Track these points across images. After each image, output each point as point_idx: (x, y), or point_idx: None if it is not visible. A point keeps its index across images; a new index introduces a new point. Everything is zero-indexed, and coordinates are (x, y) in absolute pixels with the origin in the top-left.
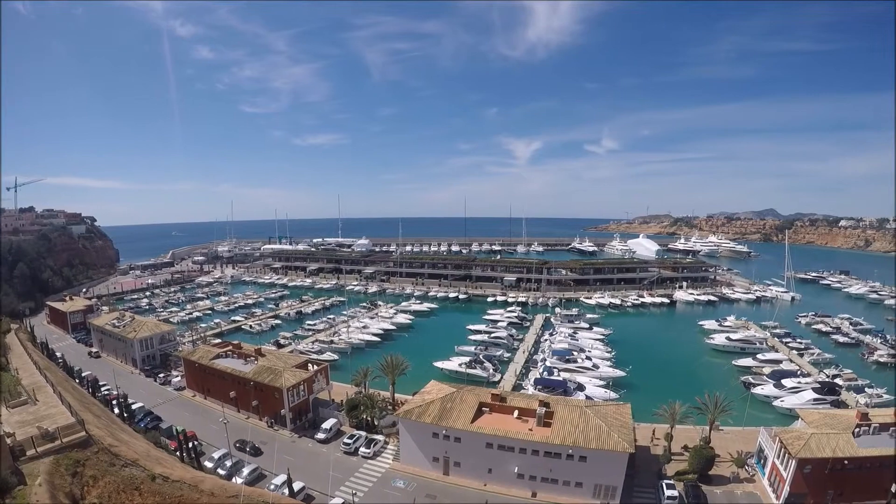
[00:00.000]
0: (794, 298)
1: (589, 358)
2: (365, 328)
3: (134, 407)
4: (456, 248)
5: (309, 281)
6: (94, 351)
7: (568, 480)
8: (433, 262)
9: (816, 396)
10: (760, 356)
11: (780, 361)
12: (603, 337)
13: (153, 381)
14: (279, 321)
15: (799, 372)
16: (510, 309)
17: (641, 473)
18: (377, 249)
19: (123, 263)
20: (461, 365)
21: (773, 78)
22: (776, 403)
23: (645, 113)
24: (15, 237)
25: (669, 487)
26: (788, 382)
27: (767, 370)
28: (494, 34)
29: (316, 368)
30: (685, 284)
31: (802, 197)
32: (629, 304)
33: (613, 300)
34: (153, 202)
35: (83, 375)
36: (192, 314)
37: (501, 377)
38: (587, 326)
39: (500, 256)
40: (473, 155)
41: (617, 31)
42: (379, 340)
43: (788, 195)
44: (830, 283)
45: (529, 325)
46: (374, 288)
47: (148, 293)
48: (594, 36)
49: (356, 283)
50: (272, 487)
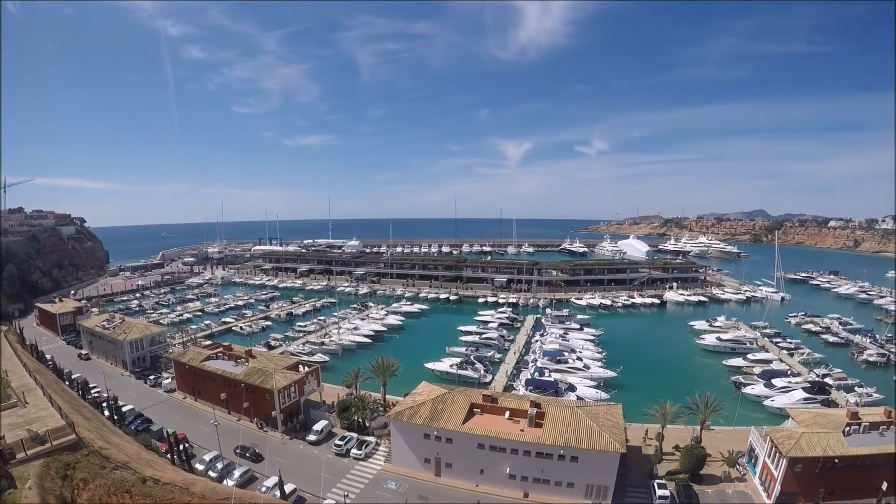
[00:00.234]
0: (783, 298)
1: (580, 358)
2: (356, 329)
3: (124, 409)
4: (447, 249)
5: (299, 282)
6: (83, 353)
7: (560, 481)
8: (424, 263)
9: (806, 396)
10: (751, 356)
11: (770, 361)
12: (594, 337)
13: (143, 383)
14: (270, 323)
15: (789, 371)
16: (501, 310)
17: (633, 473)
18: (368, 250)
19: (113, 265)
20: (452, 366)
21: (764, 79)
22: (767, 403)
23: (636, 114)
24: (4, 238)
25: (661, 487)
26: (779, 382)
27: (758, 370)
28: (486, 35)
29: (307, 370)
30: (675, 285)
31: (792, 198)
32: (620, 304)
33: (604, 301)
34: (143, 203)
35: (73, 378)
36: (182, 316)
37: (492, 378)
38: (578, 327)
39: (490, 257)
40: (464, 156)
41: (608, 32)
42: (370, 342)
43: (778, 196)
44: (820, 283)
45: (520, 325)
46: (364, 289)
47: (138, 295)
48: (585, 37)
49: (347, 284)
50: (264, 489)
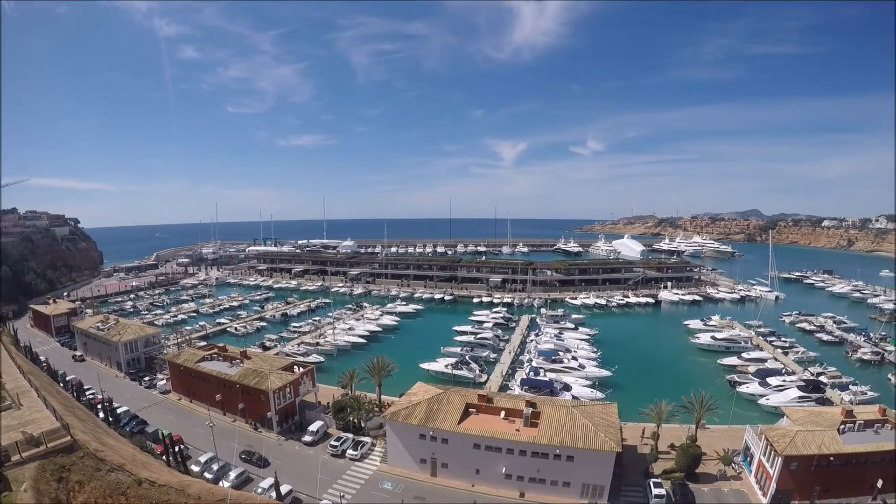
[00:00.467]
0: (778, 298)
1: (575, 358)
2: (351, 330)
3: (119, 411)
4: (441, 249)
5: (294, 283)
6: (78, 354)
7: (556, 480)
8: (419, 263)
9: (801, 394)
10: (745, 355)
11: (765, 360)
12: (588, 337)
13: (138, 384)
14: (264, 323)
15: (784, 370)
16: (496, 310)
17: (629, 472)
18: (362, 251)
19: (107, 266)
20: (447, 366)
21: (756, 80)
22: (762, 401)
23: (630, 115)
24: None
25: (657, 486)
26: (773, 381)
27: (752, 369)
28: (480, 36)
29: (302, 371)
30: (670, 284)
31: (786, 198)
32: (614, 304)
33: (599, 300)
34: (137, 204)
35: (68, 379)
36: (176, 317)
37: (488, 378)
38: (573, 327)
39: (485, 257)
40: (459, 156)
41: (602, 33)
42: (365, 342)
43: (772, 196)
44: (814, 282)
45: (515, 325)
46: (359, 289)
47: (132, 296)
48: (580, 38)
49: (341, 284)
50: (260, 491)
